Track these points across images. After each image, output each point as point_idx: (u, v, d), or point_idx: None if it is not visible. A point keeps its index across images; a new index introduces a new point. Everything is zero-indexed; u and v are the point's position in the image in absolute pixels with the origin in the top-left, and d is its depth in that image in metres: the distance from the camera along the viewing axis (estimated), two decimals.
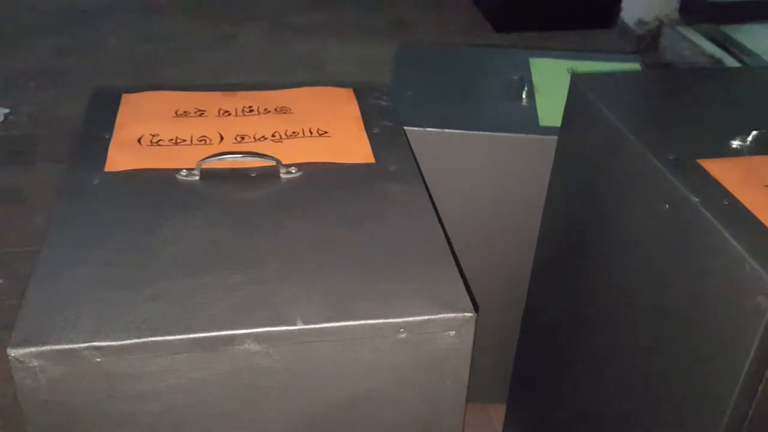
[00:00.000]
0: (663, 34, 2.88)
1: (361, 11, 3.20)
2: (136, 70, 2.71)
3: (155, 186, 0.95)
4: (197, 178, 0.96)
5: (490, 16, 3.05)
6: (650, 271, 0.97)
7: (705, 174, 0.92)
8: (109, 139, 1.03)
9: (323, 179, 0.97)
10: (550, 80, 1.54)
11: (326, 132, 1.06)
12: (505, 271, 1.49)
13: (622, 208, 1.05)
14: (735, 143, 0.98)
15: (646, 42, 2.91)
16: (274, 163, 0.97)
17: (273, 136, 1.05)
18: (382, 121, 1.10)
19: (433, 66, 1.62)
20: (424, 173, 1.33)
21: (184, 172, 0.97)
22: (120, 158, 0.98)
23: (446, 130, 1.36)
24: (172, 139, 1.04)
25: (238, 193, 0.95)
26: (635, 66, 1.62)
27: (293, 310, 0.76)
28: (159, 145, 1.02)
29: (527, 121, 1.42)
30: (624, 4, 2.96)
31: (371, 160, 1.00)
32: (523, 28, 3.00)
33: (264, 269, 0.82)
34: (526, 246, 1.38)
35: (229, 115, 1.10)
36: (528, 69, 1.59)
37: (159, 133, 1.05)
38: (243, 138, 1.04)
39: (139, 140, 1.03)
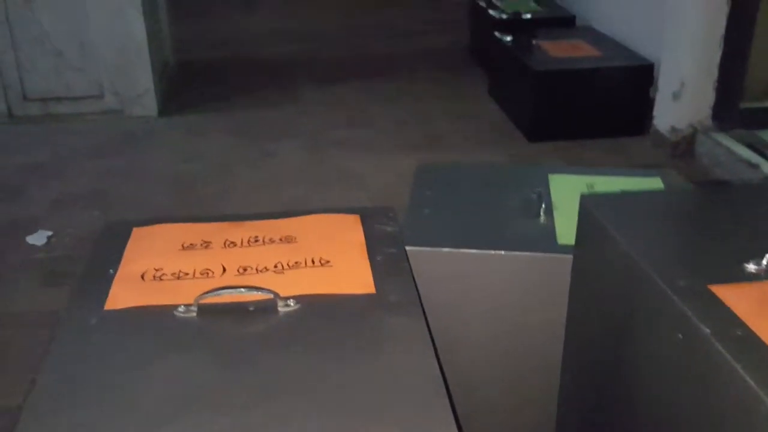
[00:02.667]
0: (697, 140, 2.86)
1: (398, 126, 3.27)
2: (178, 189, 2.79)
3: (152, 324, 0.95)
4: (194, 314, 0.96)
5: (523, 127, 3.08)
6: (668, 399, 0.92)
7: (717, 301, 0.88)
8: (113, 275, 1.05)
9: (321, 312, 0.96)
10: (569, 197, 1.52)
11: (328, 261, 1.05)
12: (527, 390, 1.44)
13: (639, 332, 1.00)
14: (750, 267, 0.94)
15: (681, 149, 2.89)
16: (271, 296, 0.97)
17: (275, 267, 1.05)
18: (386, 248, 1.09)
19: (452, 184, 1.63)
20: (440, 293, 1.31)
21: (181, 309, 0.97)
22: (121, 295, 0.99)
23: (462, 250, 1.35)
24: (174, 273, 1.04)
25: (235, 329, 0.94)
26: (656, 181, 1.59)
27: None
28: (161, 279, 1.03)
29: (545, 240, 1.40)
30: (656, 112, 2.96)
31: (372, 290, 0.99)
32: (555, 137, 3.01)
33: (252, 413, 0.80)
34: (547, 365, 1.34)
35: (235, 246, 1.10)
36: (547, 186, 1.58)
37: (163, 267, 1.06)
38: (245, 270, 1.05)
39: (142, 276, 1.04)
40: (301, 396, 0.82)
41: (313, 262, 1.05)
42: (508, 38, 3.23)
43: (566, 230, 1.42)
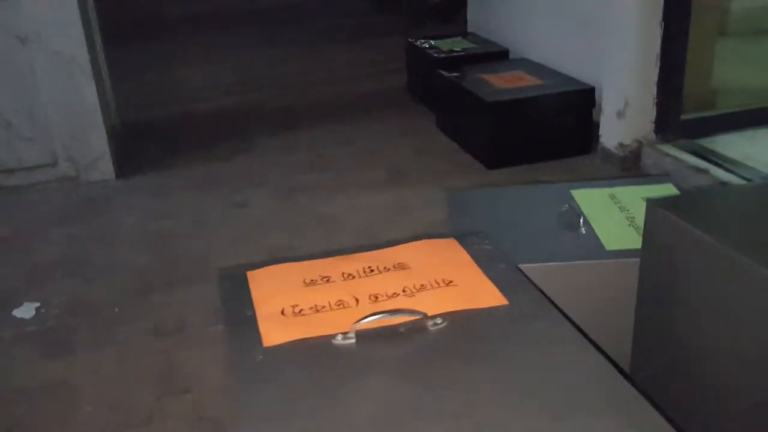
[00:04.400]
0: (643, 153, 3.10)
1: (359, 166, 3.36)
2: (156, 249, 2.77)
3: (316, 354, 1.00)
4: (353, 341, 1.02)
5: (480, 156, 3.23)
6: None
7: None
8: (252, 316, 1.09)
9: (468, 326, 1.04)
10: (597, 208, 1.66)
11: (451, 281, 1.13)
12: None
13: (737, 316, 1.10)
14: None
15: (629, 163, 3.11)
16: (420, 316, 1.04)
17: (404, 291, 1.12)
18: (495, 265, 1.18)
19: (484, 208, 1.74)
20: None
21: (339, 337, 1.02)
22: (273, 333, 1.04)
23: (536, 265, 1.41)
24: (312, 308, 1.10)
25: (396, 350, 1.01)
26: (669, 187, 1.76)
27: None
28: (302, 314, 1.08)
29: (594, 248, 1.52)
30: (602, 131, 3.19)
31: (504, 301, 1.08)
32: (512, 163, 3.19)
33: (461, 421, 0.87)
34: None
35: (353, 278, 1.17)
36: (572, 200, 1.71)
37: (298, 303, 1.11)
38: (377, 297, 1.11)
39: (282, 312, 1.09)
40: (503, 403, 0.89)
41: (437, 283, 1.13)
42: (455, 74, 3.40)
43: (610, 238, 1.55)
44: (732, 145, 3.01)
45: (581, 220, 1.61)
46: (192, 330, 2.26)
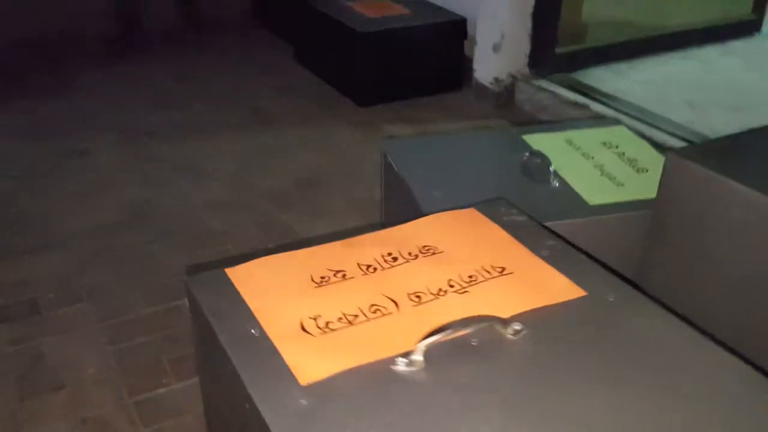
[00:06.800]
0: (517, 88, 2.99)
1: (213, 105, 2.97)
2: None
3: (380, 389, 0.73)
4: (422, 365, 0.75)
5: (351, 92, 2.97)
6: None
7: None
8: (261, 336, 0.79)
9: (555, 330, 0.81)
10: (559, 156, 1.48)
11: (503, 268, 0.89)
12: None
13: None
14: None
15: (504, 99, 3.00)
16: (495, 323, 0.79)
17: (450, 286, 0.87)
18: (542, 241, 0.95)
19: (430, 160, 1.50)
20: None
21: (401, 363, 0.75)
22: (308, 363, 0.75)
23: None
24: (341, 318, 0.81)
25: (483, 373, 0.76)
26: (622, 128, 1.62)
27: None
28: (332, 329, 0.80)
29: (576, 204, 1.34)
30: (476, 66, 3.03)
31: (582, 292, 0.86)
32: (385, 100, 2.96)
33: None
34: None
35: (375, 270, 0.89)
36: (528, 147, 1.52)
37: (320, 313, 0.82)
38: (419, 297, 0.85)
39: (302, 327, 0.80)
40: (644, 410, 0.69)
41: (488, 272, 0.89)
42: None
43: (588, 191, 1.38)
44: (603, 79, 2.98)
45: (550, 171, 1.42)
46: (49, 311, 1.85)
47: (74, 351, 1.71)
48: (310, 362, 0.75)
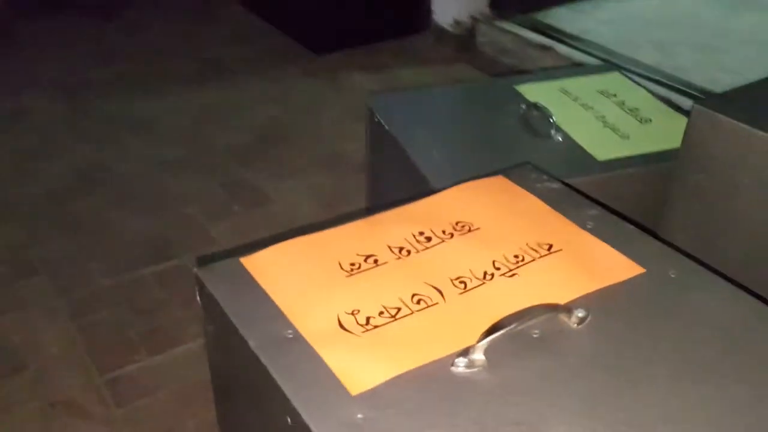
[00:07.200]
0: (479, 31, 2.88)
1: (157, 57, 2.77)
2: None
3: (442, 395, 0.64)
4: (483, 364, 0.67)
5: (305, 40, 2.81)
6: None
7: None
8: (296, 338, 0.68)
9: (621, 315, 0.73)
10: (557, 107, 1.38)
11: (551, 245, 0.81)
12: None
13: None
14: None
15: (464, 42, 2.89)
16: (558, 312, 0.71)
17: (497, 268, 0.77)
18: (582, 211, 0.87)
19: (423, 115, 1.40)
20: None
21: (461, 363, 0.66)
22: (357, 370, 0.65)
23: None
24: (382, 312, 0.72)
25: (554, 370, 0.67)
26: (617, 75, 1.54)
27: None
28: (374, 326, 0.70)
29: (584, 159, 1.26)
30: (435, 7, 2.90)
31: (640, 269, 0.78)
32: (342, 46, 2.81)
33: None
34: None
35: (408, 252, 0.79)
36: (524, 99, 1.43)
37: (357, 307, 0.72)
38: (464, 283, 0.76)
39: (340, 325, 0.70)
40: (739, 399, 0.62)
41: (534, 250, 0.80)
42: None
43: (593, 145, 1.30)
44: (567, 19, 2.89)
45: (552, 124, 1.33)
46: (2, 286, 1.71)
47: (33, 329, 1.59)
48: (358, 368, 0.65)
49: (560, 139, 1.31)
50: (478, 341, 0.67)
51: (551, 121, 1.33)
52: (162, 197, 2.00)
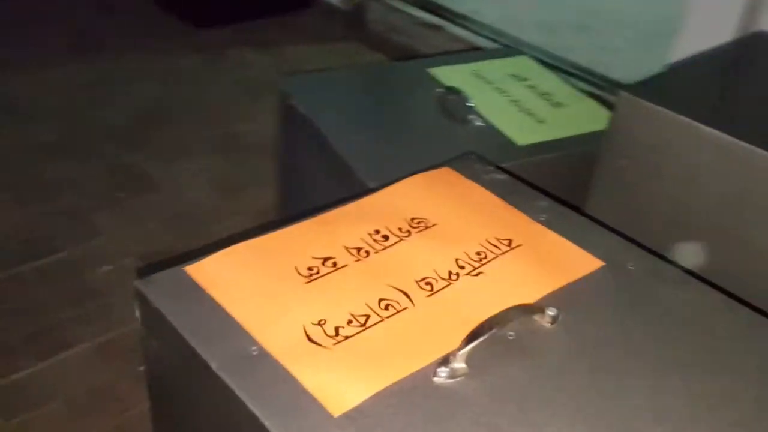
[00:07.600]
0: (368, 8, 2.83)
1: (27, 31, 2.54)
2: None
3: (428, 409, 0.60)
4: (465, 370, 0.63)
5: (184, 13, 2.66)
6: None
7: None
8: (261, 355, 0.62)
9: (592, 312, 0.71)
10: (473, 92, 1.37)
11: (510, 241, 0.78)
12: None
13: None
14: None
15: (353, 19, 2.83)
16: (533, 313, 0.69)
17: (461, 267, 0.74)
18: (533, 202, 0.85)
19: (344, 99, 1.34)
20: None
21: (442, 372, 0.63)
22: (335, 389, 0.60)
23: None
24: (351, 321, 0.67)
25: (534, 375, 0.65)
26: (525, 58, 1.54)
27: None
28: (345, 337, 0.65)
29: (504, 145, 1.25)
30: None
31: (599, 263, 0.77)
32: (225, 21, 2.69)
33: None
34: None
35: (368, 254, 0.74)
36: (438, 82, 1.40)
37: (323, 317, 0.66)
38: (430, 284, 0.72)
39: (308, 338, 0.64)
40: (717, 392, 0.62)
41: (495, 246, 0.77)
42: None
43: (512, 129, 1.29)
44: None
45: (470, 109, 1.31)
46: None
47: None
48: (337, 386, 0.60)
49: (478, 123, 1.30)
50: (459, 349, 0.63)
51: (469, 105, 1.31)
52: (37, 185, 1.84)
